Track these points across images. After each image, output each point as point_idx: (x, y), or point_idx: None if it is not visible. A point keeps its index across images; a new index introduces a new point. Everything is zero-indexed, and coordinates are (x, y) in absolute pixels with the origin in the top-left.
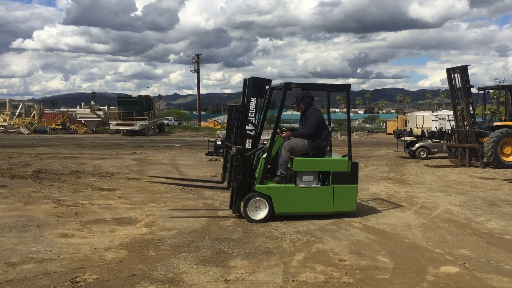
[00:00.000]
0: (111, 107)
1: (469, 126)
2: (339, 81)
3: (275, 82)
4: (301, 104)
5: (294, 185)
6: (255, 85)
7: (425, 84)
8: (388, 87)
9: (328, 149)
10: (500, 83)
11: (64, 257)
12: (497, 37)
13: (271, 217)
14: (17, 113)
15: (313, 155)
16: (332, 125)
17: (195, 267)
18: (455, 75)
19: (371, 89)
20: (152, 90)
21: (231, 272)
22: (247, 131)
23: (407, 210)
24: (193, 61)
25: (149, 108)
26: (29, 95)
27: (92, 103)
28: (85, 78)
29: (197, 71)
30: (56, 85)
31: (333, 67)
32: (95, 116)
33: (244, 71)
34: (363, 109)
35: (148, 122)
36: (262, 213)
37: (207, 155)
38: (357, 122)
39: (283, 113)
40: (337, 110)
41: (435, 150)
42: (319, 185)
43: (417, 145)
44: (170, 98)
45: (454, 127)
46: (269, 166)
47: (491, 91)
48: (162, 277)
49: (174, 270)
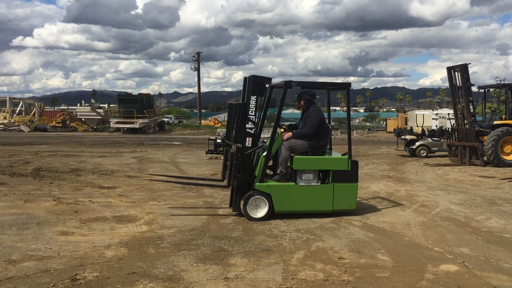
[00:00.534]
0: (111, 105)
1: (469, 124)
2: (340, 80)
3: (275, 80)
4: (302, 101)
5: (294, 184)
6: (255, 84)
7: (425, 82)
8: (388, 85)
9: (328, 147)
10: (500, 81)
11: (64, 254)
12: (498, 36)
13: (271, 215)
14: (17, 111)
15: (313, 154)
16: (332, 124)
17: (195, 265)
18: (456, 73)
19: (371, 88)
20: (152, 88)
21: (231, 270)
22: (247, 130)
23: (407, 208)
24: (194, 59)
25: (149, 106)
26: (30, 93)
27: (92, 101)
28: (85, 76)
29: (198, 69)
30: (56, 83)
31: (333, 65)
32: (95, 114)
33: (244, 69)
34: (364, 108)
35: (148, 120)
36: (262, 211)
37: (207, 153)
38: (357, 120)
39: (283, 111)
40: (338, 108)
41: (435, 148)
42: (319, 184)
43: (418, 144)
44: (170, 96)
45: (454, 125)
46: (269, 164)
47: (491, 89)
48: (162, 275)
49: (174, 268)
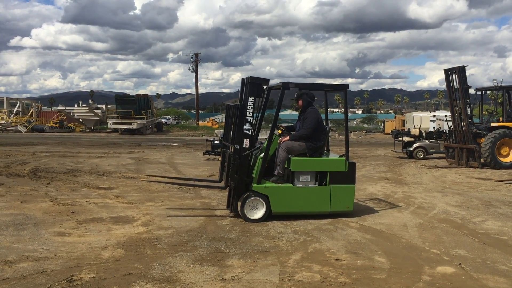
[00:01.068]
0: (109, 106)
1: (466, 126)
2: (338, 81)
3: (273, 81)
4: (300, 101)
5: (291, 185)
6: (253, 85)
7: (423, 84)
8: (386, 87)
9: (325, 149)
10: (498, 84)
11: (60, 255)
12: (496, 38)
13: (268, 216)
14: (14, 111)
15: (310, 155)
16: (330, 125)
17: (191, 266)
18: (453, 75)
19: (369, 89)
20: (150, 89)
21: (228, 271)
22: (245, 131)
23: (404, 210)
24: (192, 60)
25: (147, 107)
26: (27, 93)
27: (90, 101)
28: (83, 76)
29: (196, 70)
30: (54, 83)
31: (331, 67)
32: (93, 114)
33: (242, 71)
34: (361, 109)
35: (146, 121)
36: (259, 213)
37: (205, 154)
38: (355, 122)
39: (281, 113)
40: (335, 110)
41: (433, 150)
42: (316, 185)
43: (415, 146)
44: (168, 97)
45: (451, 127)
46: (266, 165)
47: (488, 92)
48: (158, 276)
49: (170, 269)
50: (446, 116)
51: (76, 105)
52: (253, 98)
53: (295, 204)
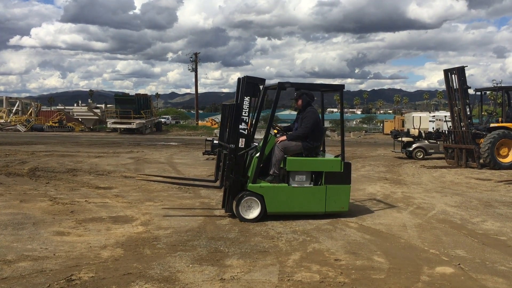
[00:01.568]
0: (108, 105)
1: (466, 127)
2: (337, 81)
3: (273, 81)
4: (300, 101)
5: (286, 185)
6: (249, 84)
7: (422, 85)
8: (385, 87)
9: (322, 149)
10: (497, 84)
11: (59, 255)
12: (495, 39)
13: (263, 216)
14: (14, 111)
15: (306, 155)
16: (330, 125)
17: (190, 266)
18: (453, 76)
19: (368, 90)
20: (149, 88)
21: (227, 271)
22: (240, 130)
23: (403, 210)
24: (191, 60)
25: (146, 106)
26: (26, 93)
27: (89, 101)
28: (82, 76)
29: (195, 70)
30: (53, 82)
31: (331, 67)
32: (92, 114)
33: (242, 71)
34: (361, 109)
35: (145, 120)
36: (254, 212)
37: (204, 154)
38: (354, 122)
39: (281, 112)
40: (335, 110)
41: (432, 151)
42: (311, 185)
43: (414, 146)
44: (167, 96)
45: (451, 128)
46: (262, 165)
47: (488, 92)
48: (157, 275)
49: (169, 269)
50: (445, 116)
51: (75, 105)
52: (249, 97)
53: (290, 204)
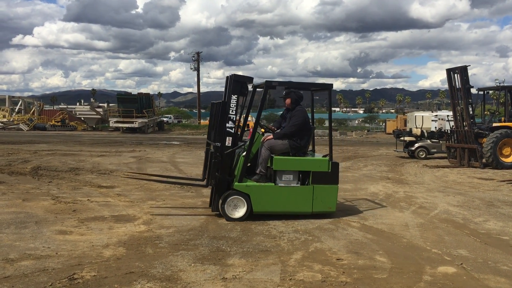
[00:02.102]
0: (110, 105)
1: (468, 126)
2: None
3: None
4: (288, 99)
5: (273, 184)
6: (236, 83)
7: (425, 84)
8: (388, 87)
9: (310, 149)
10: (500, 84)
11: (62, 254)
12: (498, 38)
13: (249, 216)
14: (16, 110)
15: (293, 154)
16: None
17: (193, 265)
18: (455, 75)
19: (371, 89)
20: (152, 87)
21: (229, 270)
22: (227, 129)
23: (405, 210)
24: (193, 59)
25: (148, 105)
26: (29, 92)
27: (91, 100)
28: (85, 75)
29: (197, 69)
30: (56, 82)
31: (333, 66)
32: (94, 113)
33: (244, 70)
34: (363, 109)
35: (147, 119)
36: (240, 211)
37: None
38: (356, 121)
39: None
40: (337, 109)
41: (434, 150)
42: (298, 185)
43: (416, 145)
44: (170, 96)
45: (453, 127)
46: (249, 164)
47: (490, 91)
48: (159, 274)
49: (171, 268)
50: (448, 116)
51: (78, 104)
52: (236, 96)
53: (276, 203)
